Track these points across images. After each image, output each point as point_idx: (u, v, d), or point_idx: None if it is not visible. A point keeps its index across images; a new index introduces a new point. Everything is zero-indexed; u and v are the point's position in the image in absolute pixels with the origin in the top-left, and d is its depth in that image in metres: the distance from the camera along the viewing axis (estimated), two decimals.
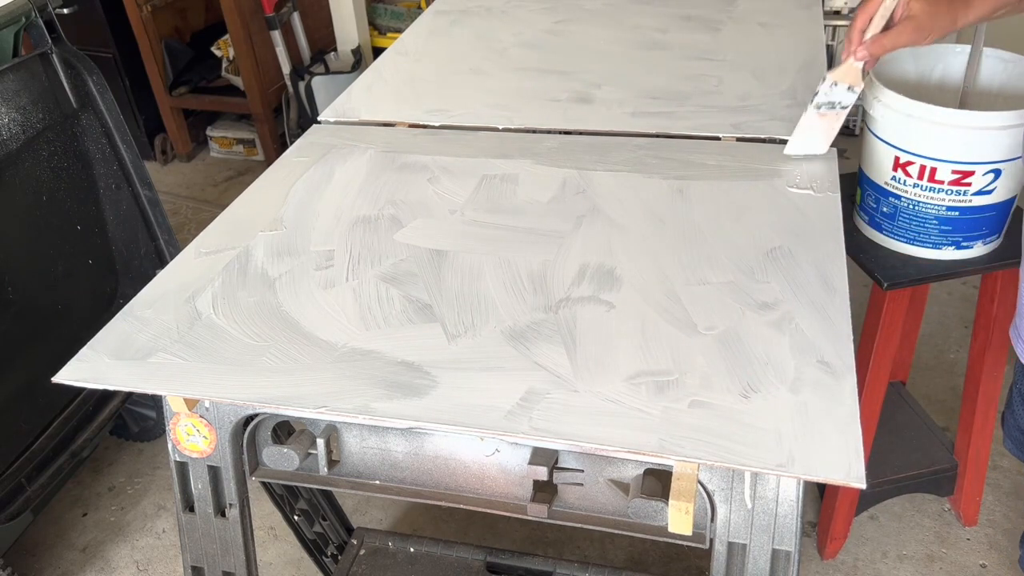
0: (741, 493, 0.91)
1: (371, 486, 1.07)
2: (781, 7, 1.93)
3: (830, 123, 1.29)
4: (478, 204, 1.27)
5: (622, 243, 1.16)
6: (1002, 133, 1.32)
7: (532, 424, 0.87)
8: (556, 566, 1.64)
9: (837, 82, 1.24)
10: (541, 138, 1.45)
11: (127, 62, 3.48)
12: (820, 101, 1.27)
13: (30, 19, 1.84)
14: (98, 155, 2.02)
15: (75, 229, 2.00)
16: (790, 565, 0.93)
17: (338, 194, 1.32)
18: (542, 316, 1.03)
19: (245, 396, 0.93)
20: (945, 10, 1.16)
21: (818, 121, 1.28)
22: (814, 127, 1.29)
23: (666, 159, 1.36)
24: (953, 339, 2.50)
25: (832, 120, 1.28)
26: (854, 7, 3.17)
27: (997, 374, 1.75)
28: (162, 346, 1.01)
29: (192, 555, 1.14)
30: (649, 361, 0.94)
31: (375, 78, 1.71)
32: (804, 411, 0.87)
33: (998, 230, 1.47)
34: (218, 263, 1.16)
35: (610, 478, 0.97)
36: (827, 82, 1.25)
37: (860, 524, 1.95)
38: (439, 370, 0.95)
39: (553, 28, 1.89)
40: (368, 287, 1.10)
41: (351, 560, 1.69)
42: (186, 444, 1.06)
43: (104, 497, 2.19)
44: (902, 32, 1.17)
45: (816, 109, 1.27)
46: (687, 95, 1.54)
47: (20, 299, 1.84)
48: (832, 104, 1.27)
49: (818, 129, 1.29)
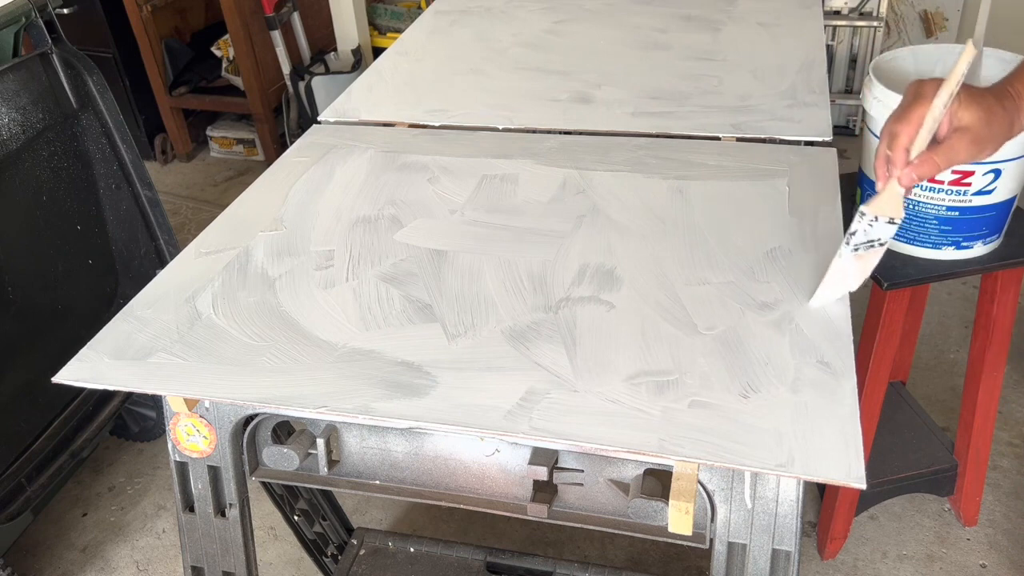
0: (741, 493, 0.91)
1: (371, 486, 1.07)
2: (781, 7, 1.93)
3: (866, 262, 1.03)
4: (478, 204, 1.27)
5: (622, 243, 1.16)
6: None
7: (532, 424, 0.87)
8: (556, 566, 1.64)
9: (877, 217, 0.97)
10: (541, 138, 1.45)
11: (127, 62, 3.48)
12: (858, 242, 1.00)
13: (30, 19, 1.84)
14: (98, 155, 2.02)
15: (75, 229, 2.00)
16: (790, 565, 0.93)
17: (338, 194, 1.32)
18: (542, 316, 1.03)
19: (245, 396, 0.93)
20: (1000, 116, 0.95)
21: (854, 264, 1.02)
22: (848, 271, 1.02)
23: (666, 159, 1.36)
24: (953, 339, 2.50)
25: (869, 259, 1.02)
26: (854, 7, 3.16)
27: (997, 374, 1.74)
28: (162, 346, 1.01)
29: (192, 555, 1.14)
30: (649, 361, 0.94)
31: (375, 78, 1.71)
32: (804, 411, 0.87)
33: (998, 230, 1.47)
34: (218, 263, 1.16)
35: (610, 478, 0.97)
36: (865, 219, 0.98)
37: (860, 524, 1.95)
38: (439, 370, 0.95)
39: (553, 28, 1.89)
40: (368, 287, 1.10)
41: (351, 560, 1.69)
42: (186, 444, 1.06)
43: (104, 497, 2.19)
44: (957, 146, 0.93)
45: (853, 251, 1.00)
46: (687, 95, 1.54)
47: (20, 299, 1.84)
48: (871, 243, 1.00)
49: (852, 271, 1.02)
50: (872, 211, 0.97)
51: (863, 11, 3.16)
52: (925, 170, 0.94)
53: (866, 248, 1.00)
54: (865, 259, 1.02)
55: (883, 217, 0.97)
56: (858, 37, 3.24)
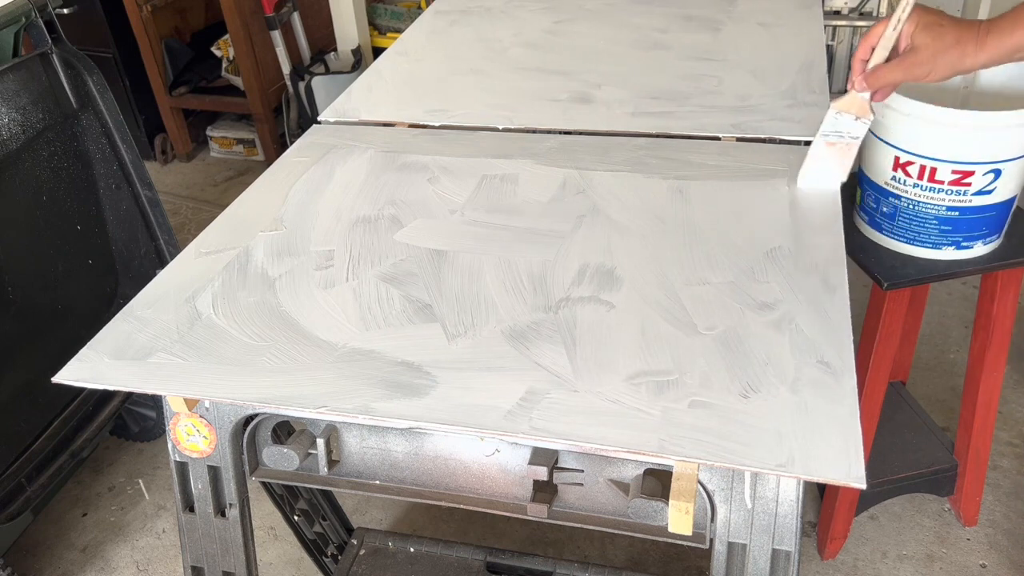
0: (741, 493, 0.91)
1: (371, 486, 1.07)
2: (781, 7, 1.93)
3: (841, 153, 1.22)
4: (478, 204, 1.27)
5: (622, 243, 1.16)
6: (1002, 133, 1.32)
7: (532, 424, 0.87)
8: (556, 566, 1.64)
9: (841, 111, 1.18)
10: (541, 138, 1.45)
11: (127, 62, 3.48)
12: (826, 130, 1.21)
13: (30, 19, 1.84)
14: (98, 155, 2.02)
15: (75, 229, 2.00)
16: (790, 565, 0.93)
17: (338, 194, 1.32)
18: (542, 316, 1.03)
19: (245, 396, 0.93)
20: (952, 47, 1.05)
21: (827, 151, 1.22)
22: (824, 157, 1.23)
23: (666, 159, 1.36)
24: (953, 339, 2.50)
25: (843, 150, 1.22)
26: (854, 7, 3.17)
27: (997, 374, 1.74)
28: (162, 346, 1.01)
29: (192, 555, 1.14)
30: (649, 361, 0.94)
31: (375, 78, 1.71)
32: (804, 411, 0.87)
33: (998, 230, 1.47)
34: (218, 263, 1.16)
35: (610, 478, 0.97)
36: (831, 112, 1.20)
37: (860, 524, 1.95)
38: (439, 370, 0.95)
39: (553, 28, 1.89)
40: (368, 287, 1.10)
41: (351, 560, 1.69)
42: (186, 444, 1.06)
43: (104, 497, 2.19)
44: (900, 66, 1.09)
45: (824, 138, 1.21)
46: (687, 95, 1.54)
47: (20, 299, 1.84)
48: (840, 133, 1.20)
49: (830, 160, 1.23)
50: (836, 106, 1.18)
51: (863, 11, 3.16)
52: (873, 81, 1.11)
53: (836, 137, 1.20)
54: (838, 148, 1.21)
55: (847, 114, 1.18)
56: (858, 37, 3.24)
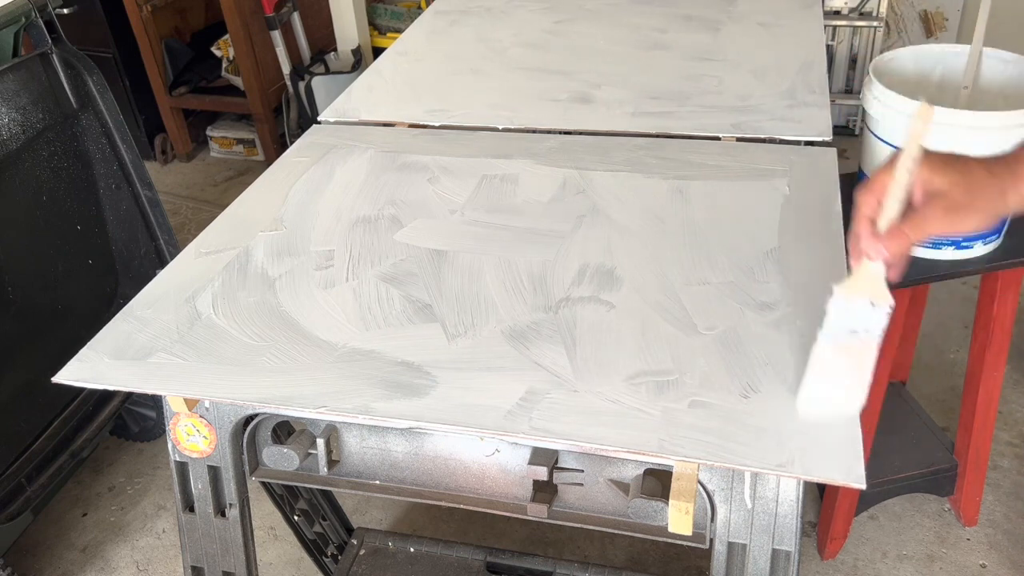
0: (741, 493, 0.91)
1: (371, 486, 1.07)
2: (781, 7, 1.93)
3: (857, 358, 0.84)
4: (478, 204, 1.27)
5: (622, 243, 1.16)
6: (1002, 133, 1.32)
7: (532, 424, 0.87)
8: (556, 566, 1.64)
9: (850, 300, 0.82)
10: (541, 138, 1.45)
11: (127, 62, 3.48)
12: (833, 328, 0.83)
13: (30, 19, 1.84)
14: (98, 155, 2.02)
15: (75, 229, 2.00)
16: (790, 565, 0.93)
17: (338, 194, 1.32)
18: (542, 316, 1.03)
19: (245, 396, 0.93)
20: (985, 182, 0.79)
21: (836, 358, 0.84)
22: (833, 367, 0.85)
23: (666, 159, 1.36)
24: (953, 339, 2.50)
25: (859, 353, 0.84)
26: (854, 7, 3.16)
27: (997, 374, 1.74)
28: (162, 346, 1.01)
29: (192, 555, 1.14)
30: (649, 361, 0.94)
31: (375, 78, 1.71)
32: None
33: (998, 230, 1.47)
34: (218, 263, 1.16)
35: (610, 478, 0.97)
36: (836, 301, 0.82)
37: (860, 524, 1.95)
38: (439, 370, 0.95)
39: (553, 28, 1.89)
40: (368, 287, 1.10)
41: (351, 560, 1.69)
42: (186, 444, 1.06)
43: (104, 497, 2.19)
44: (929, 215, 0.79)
45: (829, 340, 0.84)
46: (687, 95, 1.54)
47: (20, 299, 1.84)
48: (852, 330, 0.83)
49: (841, 369, 0.84)
50: (843, 292, 0.82)
51: (863, 11, 3.16)
52: (894, 243, 0.79)
53: (847, 336, 0.83)
54: (852, 353, 0.84)
55: (860, 299, 0.81)
56: (858, 37, 3.24)
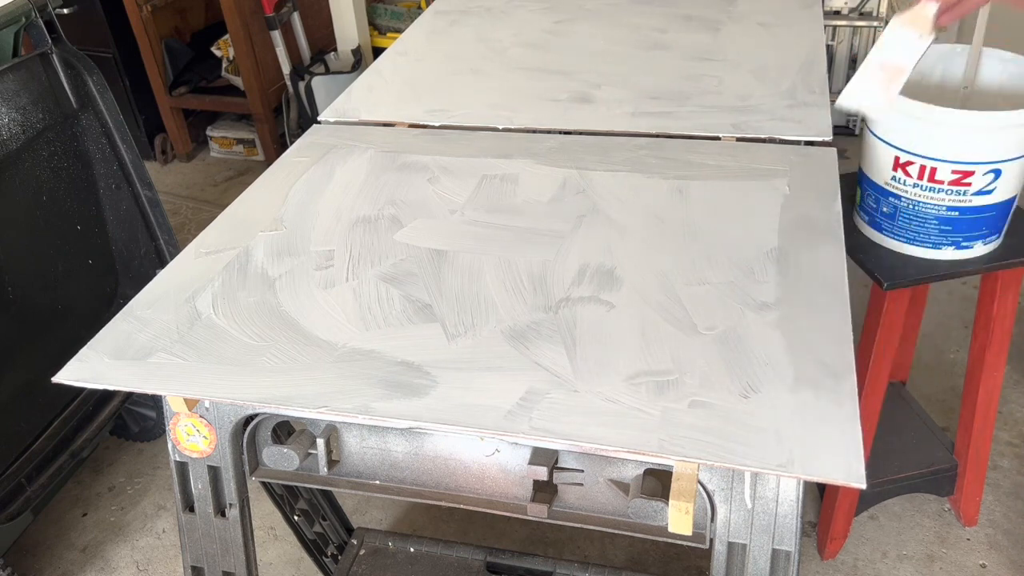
0: (741, 493, 0.91)
1: (371, 486, 1.07)
2: (781, 7, 1.93)
3: (891, 77, 1.13)
4: (478, 204, 1.27)
5: (622, 243, 1.16)
6: (1002, 133, 1.32)
7: (532, 424, 0.87)
8: (556, 566, 1.64)
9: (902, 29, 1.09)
10: (541, 138, 1.45)
11: (127, 62, 3.48)
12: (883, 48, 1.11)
13: (30, 19, 1.84)
14: (98, 155, 2.02)
15: (75, 229, 2.00)
16: (790, 565, 0.93)
17: (338, 194, 1.32)
18: (542, 316, 1.03)
19: (245, 396, 0.93)
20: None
21: (878, 73, 1.13)
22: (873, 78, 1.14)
23: (666, 159, 1.36)
24: (953, 339, 2.50)
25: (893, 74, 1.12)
26: (854, 7, 3.17)
27: (997, 374, 1.74)
28: (162, 346, 1.01)
29: (192, 555, 1.14)
30: (649, 361, 0.94)
31: (375, 78, 1.71)
32: (804, 411, 0.87)
33: (998, 230, 1.47)
34: (218, 263, 1.16)
35: (610, 478, 0.97)
36: (892, 27, 1.10)
37: (860, 524, 1.95)
38: (439, 370, 0.95)
39: (553, 28, 1.89)
40: (368, 287, 1.10)
41: (351, 560, 1.69)
42: (186, 444, 1.06)
43: (104, 497, 2.19)
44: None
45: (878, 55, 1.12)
46: (687, 95, 1.54)
47: (20, 299, 1.84)
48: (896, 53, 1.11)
49: (878, 82, 1.14)
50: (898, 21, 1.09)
51: (863, 11, 3.16)
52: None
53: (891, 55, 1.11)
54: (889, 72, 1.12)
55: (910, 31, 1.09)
56: (858, 37, 3.24)
